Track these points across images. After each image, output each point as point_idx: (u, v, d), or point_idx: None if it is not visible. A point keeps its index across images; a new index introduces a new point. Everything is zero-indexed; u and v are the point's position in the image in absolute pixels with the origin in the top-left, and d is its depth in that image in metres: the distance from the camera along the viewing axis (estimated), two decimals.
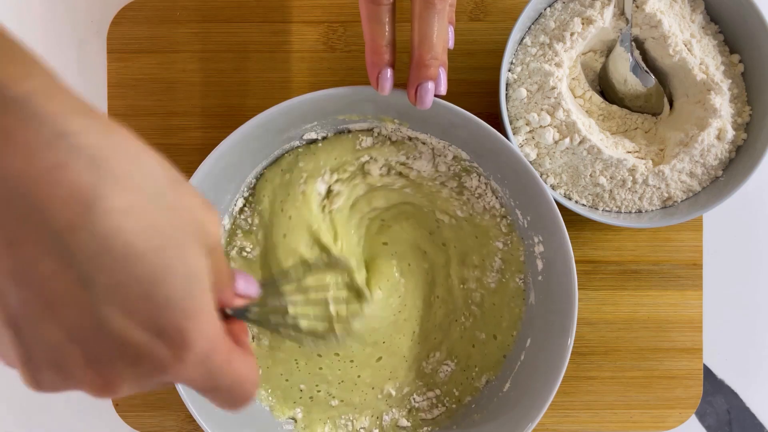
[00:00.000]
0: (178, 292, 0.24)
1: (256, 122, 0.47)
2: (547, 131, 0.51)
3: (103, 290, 0.23)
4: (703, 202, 0.51)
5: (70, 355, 0.24)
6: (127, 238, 0.22)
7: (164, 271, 0.23)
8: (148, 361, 0.24)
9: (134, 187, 0.23)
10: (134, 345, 0.24)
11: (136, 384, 0.25)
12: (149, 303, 0.23)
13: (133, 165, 0.24)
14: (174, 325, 0.24)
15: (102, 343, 0.24)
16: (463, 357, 0.54)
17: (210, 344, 0.26)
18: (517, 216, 0.52)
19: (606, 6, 0.51)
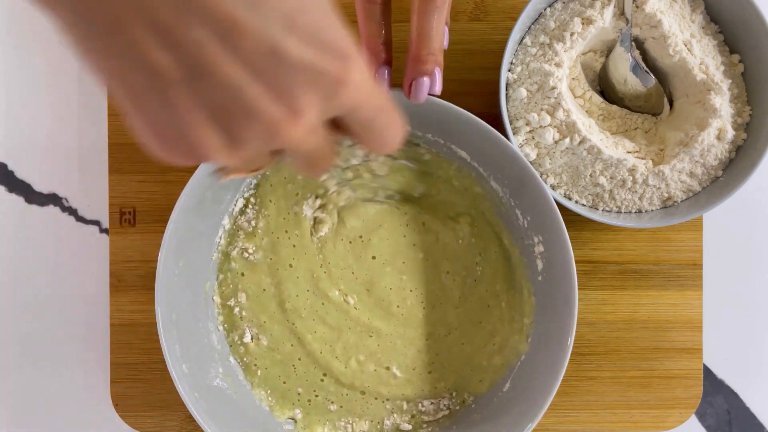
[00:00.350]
0: (327, 12, 0.25)
1: None
2: (547, 131, 0.51)
3: (266, 16, 0.23)
4: (703, 202, 0.51)
5: (255, 91, 0.24)
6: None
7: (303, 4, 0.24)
8: (325, 77, 0.25)
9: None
10: (309, 63, 0.24)
11: (320, 106, 0.25)
12: (307, 23, 0.24)
13: None
14: (334, 39, 0.25)
15: (281, 69, 0.24)
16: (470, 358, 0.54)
17: (364, 62, 0.26)
18: (517, 216, 0.52)
19: (606, 6, 0.51)
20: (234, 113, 0.24)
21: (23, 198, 0.58)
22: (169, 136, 0.25)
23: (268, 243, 0.53)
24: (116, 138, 0.56)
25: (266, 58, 0.23)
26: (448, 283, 0.54)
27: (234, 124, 0.24)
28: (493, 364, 0.53)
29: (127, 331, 0.56)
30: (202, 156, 0.26)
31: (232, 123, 0.24)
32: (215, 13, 0.22)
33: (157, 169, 0.56)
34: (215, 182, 0.50)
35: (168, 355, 0.47)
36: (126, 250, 0.56)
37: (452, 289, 0.54)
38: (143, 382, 0.56)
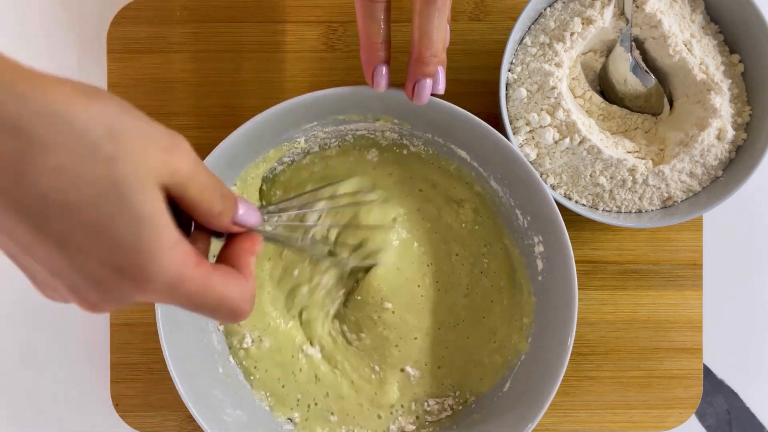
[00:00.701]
0: (127, 235, 0.27)
1: (256, 122, 0.47)
2: (547, 131, 0.51)
3: (58, 238, 0.26)
4: (703, 202, 0.51)
5: (56, 284, 0.28)
6: (63, 194, 0.25)
7: (107, 218, 0.26)
8: (116, 291, 0.28)
9: (62, 146, 0.25)
10: (99, 280, 0.27)
11: (113, 305, 0.29)
12: (101, 246, 0.26)
13: (59, 127, 0.25)
14: (129, 264, 0.27)
15: (74, 277, 0.27)
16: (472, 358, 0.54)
17: (172, 277, 0.28)
18: (517, 216, 0.52)
19: (606, 6, 0.51)
20: (51, 288, 0.29)
21: None
22: (45, 290, 0.30)
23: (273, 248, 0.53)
24: None
25: (63, 267, 0.27)
26: (457, 268, 0.54)
27: (55, 293, 0.30)
28: (493, 362, 0.53)
29: (127, 331, 0.56)
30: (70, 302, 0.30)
31: (55, 291, 0.30)
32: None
33: None
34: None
35: (168, 355, 0.47)
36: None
37: (461, 275, 0.54)
38: (143, 382, 0.56)
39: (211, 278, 0.30)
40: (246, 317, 0.33)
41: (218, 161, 0.48)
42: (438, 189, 0.54)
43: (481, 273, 0.54)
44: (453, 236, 0.54)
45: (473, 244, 0.54)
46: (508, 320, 0.53)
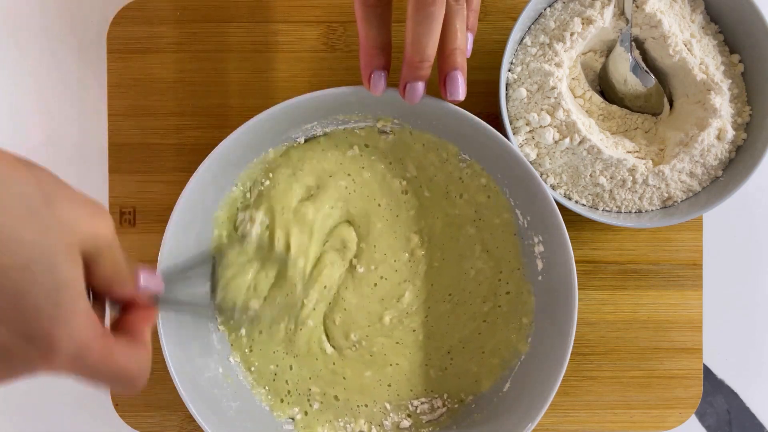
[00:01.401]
0: (44, 302, 0.27)
1: (256, 122, 0.47)
2: (547, 131, 0.51)
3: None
4: (703, 202, 0.51)
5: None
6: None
7: (30, 284, 0.26)
8: (18, 360, 0.28)
9: (2, 209, 0.26)
10: (6, 348, 0.27)
11: (12, 377, 0.29)
12: (17, 312, 0.26)
13: (1, 189, 0.26)
14: (41, 332, 0.27)
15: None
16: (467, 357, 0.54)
17: (79, 346, 0.29)
18: (517, 216, 0.52)
19: (606, 6, 0.51)
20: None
21: None
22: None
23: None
24: (116, 138, 0.56)
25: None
26: (457, 268, 0.54)
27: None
28: (492, 363, 0.53)
29: None
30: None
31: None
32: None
33: (157, 169, 0.56)
34: (215, 183, 0.50)
35: (168, 355, 0.47)
36: (126, 250, 0.55)
37: (460, 276, 0.54)
38: None
39: (113, 349, 0.31)
40: (142, 387, 0.33)
41: (218, 161, 0.48)
42: (437, 188, 0.54)
43: (482, 272, 0.54)
44: (450, 235, 0.54)
45: (473, 244, 0.54)
46: (507, 320, 0.53)
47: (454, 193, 0.53)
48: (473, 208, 0.53)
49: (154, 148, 0.56)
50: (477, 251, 0.53)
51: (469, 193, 0.53)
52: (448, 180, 0.53)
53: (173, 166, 0.56)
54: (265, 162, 0.52)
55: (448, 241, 0.54)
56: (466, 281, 0.54)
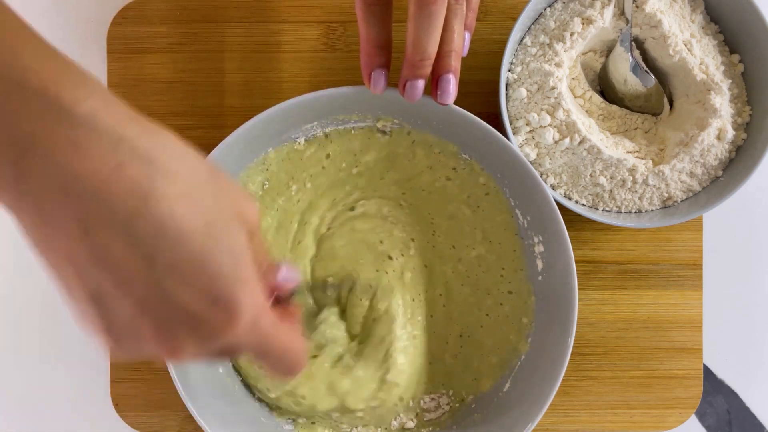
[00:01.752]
0: (227, 265, 0.28)
1: (256, 122, 0.47)
2: (547, 131, 0.51)
3: (164, 266, 0.27)
4: (703, 202, 0.51)
5: (142, 324, 0.28)
6: (179, 220, 0.27)
7: (213, 247, 0.28)
8: (206, 326, 0.28)
9: (182, 178, 0.27)
10: (194, 312, 0.28)
11: (198, 348, 0.29)
12: (203, 275, 0.27)
13: (180, 161, 0.28)
14: (226, 294, 0.28)
15: (167, 312, 0.28)
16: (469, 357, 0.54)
17: (258, 311, 0.30)
18: (517, 216, 0.52)
19: (606, 6, 0.51)
20: (133, 332, 0.28)
21: None
22: (116, 338, 0.29)
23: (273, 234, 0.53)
24: None
25: (156, 301, 0.27)
26: (456, 267, 0.54)
27: (135, 339, 0.29)
28: (492, 362, 0.53)
29: None
30: (141, 355, 0.30)
31: (136, 336, 0.29)
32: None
33: None
34: None
35: None
36: None
37: (459, 274, 0.54)
38: (143, 382, 0.56)
39: (281, 322, 0.32)
40: (299, 371, 0.34)
41: (218, 161, 0.48)
42: (436, 186, 0.54)
43: (482, 272, 0.54)
44: (452, 233, 0.54)
45: (472, 243, 0.54)
46: (508, 319, 0.53)
47: (451, 187, 0.53)
48: (472, 209, 0.53)
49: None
50: (478, 237, 0.53)
51: (468, 192, 0.53)
52: (445, 180, 0.53)
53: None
54: (265, 162, 0.52)
55: (448, 228, 0.54)
56: (469, 265, 0.54)
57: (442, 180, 0.53)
